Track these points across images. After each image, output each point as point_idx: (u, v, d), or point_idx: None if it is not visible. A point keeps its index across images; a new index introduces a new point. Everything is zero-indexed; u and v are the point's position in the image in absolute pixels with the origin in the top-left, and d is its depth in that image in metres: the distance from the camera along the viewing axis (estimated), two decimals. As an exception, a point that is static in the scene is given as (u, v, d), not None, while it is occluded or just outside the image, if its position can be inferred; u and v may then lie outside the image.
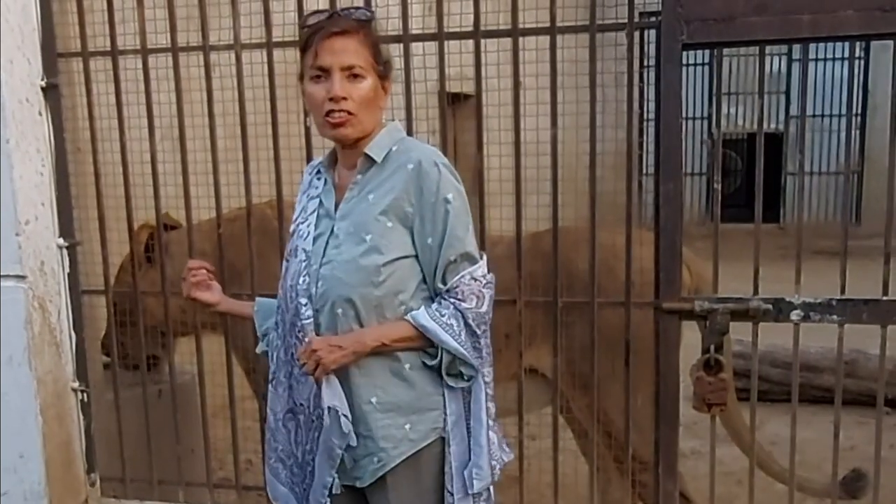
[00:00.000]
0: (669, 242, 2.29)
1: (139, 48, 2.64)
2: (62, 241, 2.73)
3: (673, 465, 2.40)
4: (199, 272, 2.05)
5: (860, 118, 11.70)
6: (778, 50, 11.61)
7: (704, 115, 12.21)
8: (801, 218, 2.63)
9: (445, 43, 2.43)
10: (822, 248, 7.53)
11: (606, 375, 2.50)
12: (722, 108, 2.65)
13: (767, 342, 4.22)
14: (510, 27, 2.37)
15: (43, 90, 2.67)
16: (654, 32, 2.27)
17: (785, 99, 12.40)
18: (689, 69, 10.82)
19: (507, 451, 1.91)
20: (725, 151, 12.03)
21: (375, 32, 1.78)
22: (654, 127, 2.26)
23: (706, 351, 2.26)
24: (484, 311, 1.77)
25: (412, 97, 2.47)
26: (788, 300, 2.26)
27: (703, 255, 2.64)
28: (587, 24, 2.31)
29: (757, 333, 2.36)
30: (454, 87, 2.71)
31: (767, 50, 2.34)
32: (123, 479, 2.88)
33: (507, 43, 2.38)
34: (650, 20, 2.32)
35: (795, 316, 2.26)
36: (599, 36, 2.33)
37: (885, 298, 2.22)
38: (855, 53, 2.96)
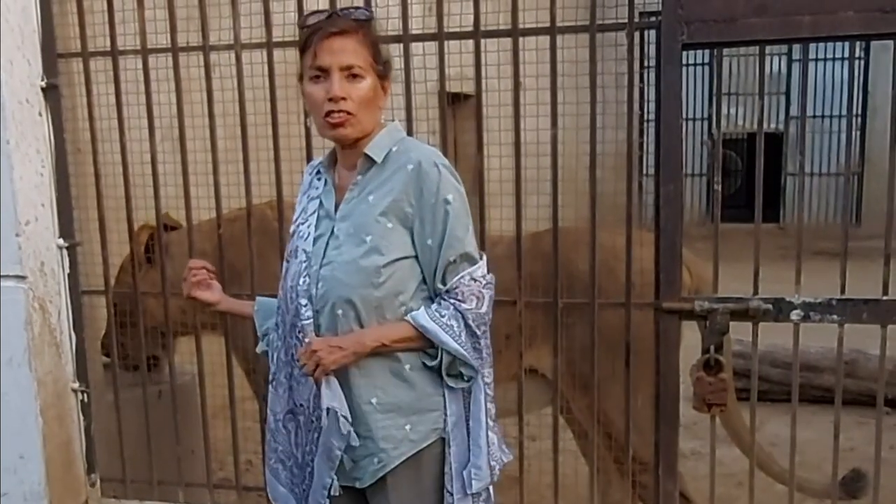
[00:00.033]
0: (669, 243, 2.29)
1: (139, 48, 2.64)
2: (62, 241, 2.73)
3: (673, 465, 2.40)
4: (199, 272, 2.06)
5: (860, 119, 11.70)
6: (778, 50, 11.62)
7: (704, 115, 12.21)
8: (801, 218, 2.63)
9: (445, 43, 2.43)
10: (821, 248, 7.53)
11: (606, 376, 2.49)
12: (722, 108, 2.65)
13: (767, 342, 4.22)
14: (510, 27, 2.37)
15: (43, 90, 2.67)
16: (654, 33, 2.27)
17: (785, 99, 12.41)
18: (689, 69, 10.82)
19: (506, 451, 1.91)
20: (725, 152, 12.01)
21: (375, 32, 1.78)
22: (654, 127, 2.26)
23: (706, 351, 2.26)
24: (484, 311, 1.77)
25: (412, 97, 2.47)
26: (788, 300, 2.26)
27: (703, 255, 2.63)
28: (587, 24, 2.31)
29: (757, 333, 2.35)
30: (454, 87, 2.71)
31: (767, 50, 2.34)
32: (123, 479, 2.88)
33: (507, 43, 2.38)
34: (650, 20, 2.32)
35: (795, 316, 2.26)
36: (599, 36, 2.33)
37: (885, 298, 2.22)
38: (855, 54, 2.96)
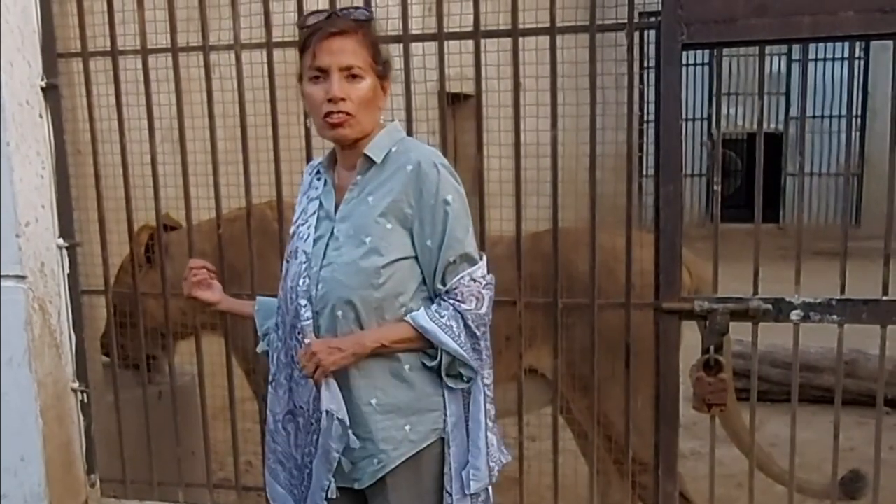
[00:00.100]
0: (669, 244, 2.29)
1: (139, 48, 2.63)
2: (62, 241, 2.73)
3: (673, 466, 2.39)
4: (200, 271, 2.06)
5: (860, 120, 11.70)
6: (778, 50, 11.61)
7: (704, 115, 12.21)
8: (800, 218, 2.63)
9: (445, 43, 2.43)
10: (821, 249, 7.52)
11: (606, 377, 2.49)
12: (722, 108, 2.64)
13: (767, 342, 4.22)
14: (510, 27, 2.37)
15: (43, 90, 2.67)
16: (654, 33, 2.27)
17: (785, 99, 12.40)
18: (689, 69, 10.81)
19: (505, 453, 1.91)
20: (725, 152, 12.01)
21: (374, 32, 1.78)
22: (654, 128, 2.26)
23: (706, 351, 2.26)
24: (483, 312, 1.76)
25: (412, 97, 2.47)
26: (788, 300, 2.26)
27: (703, 255, 2.63)
28: (587, 24, 2.31)
29: (757, 333, 2.35)
30: (454, 87, 2.71)
31: (767, 50, 2.34)
32: (123, 480, 2.88)
33: (507, 43, 2.38)
34: (650, 20, 2.32)
35: (795, 316, 2.26)
36: (599, 36, 2.33)
37: (884, 298, 2.22)
38: (855, 54, 2.97)
